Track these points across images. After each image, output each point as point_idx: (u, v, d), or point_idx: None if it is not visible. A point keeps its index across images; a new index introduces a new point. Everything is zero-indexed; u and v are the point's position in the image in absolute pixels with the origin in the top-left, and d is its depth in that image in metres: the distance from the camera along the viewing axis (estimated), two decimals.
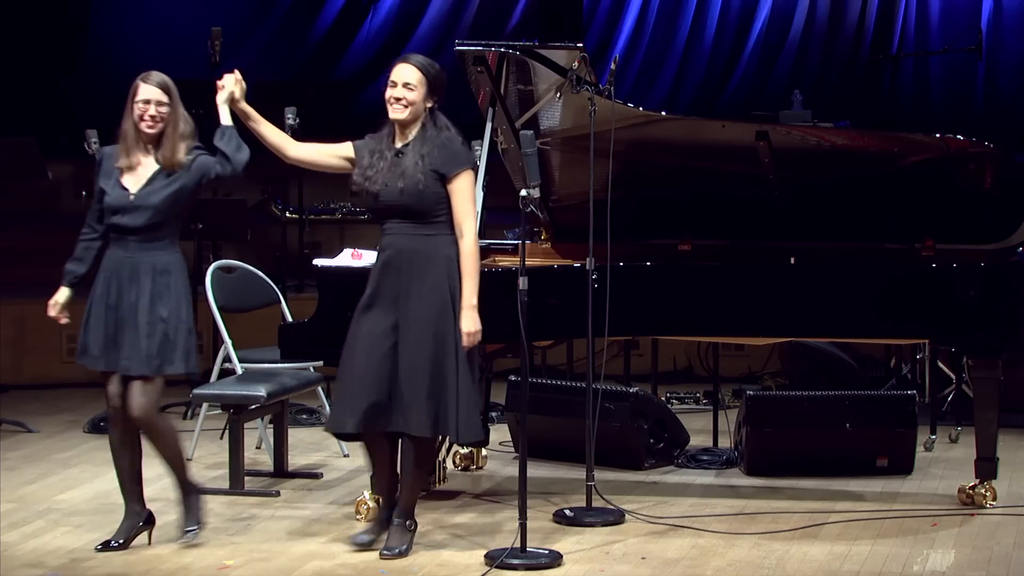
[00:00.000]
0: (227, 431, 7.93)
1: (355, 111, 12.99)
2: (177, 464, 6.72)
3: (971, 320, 7.33)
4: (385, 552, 6.56)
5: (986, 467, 7.43)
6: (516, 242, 7.55)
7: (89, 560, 6.62)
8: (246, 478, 7.72)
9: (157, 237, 6.57)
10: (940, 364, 9.14)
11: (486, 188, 7.37)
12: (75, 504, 7.54)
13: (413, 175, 6.49)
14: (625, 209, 7.30)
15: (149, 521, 6.80)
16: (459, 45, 7.37)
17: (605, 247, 7.09)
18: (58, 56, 13.00)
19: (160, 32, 13.33)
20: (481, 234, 7.30)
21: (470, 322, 6.47)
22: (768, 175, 7.66)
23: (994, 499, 7.44)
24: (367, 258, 7.33)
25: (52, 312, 6.78)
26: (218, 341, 8.76)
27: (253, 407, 7.69)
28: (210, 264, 8.54)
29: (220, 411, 8.36)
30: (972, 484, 7.47)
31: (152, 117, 6.63)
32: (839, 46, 13.61)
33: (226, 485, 7.72)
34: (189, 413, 9.48)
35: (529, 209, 6.83)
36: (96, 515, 7.33)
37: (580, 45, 7.28)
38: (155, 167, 6.60)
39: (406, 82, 6.58)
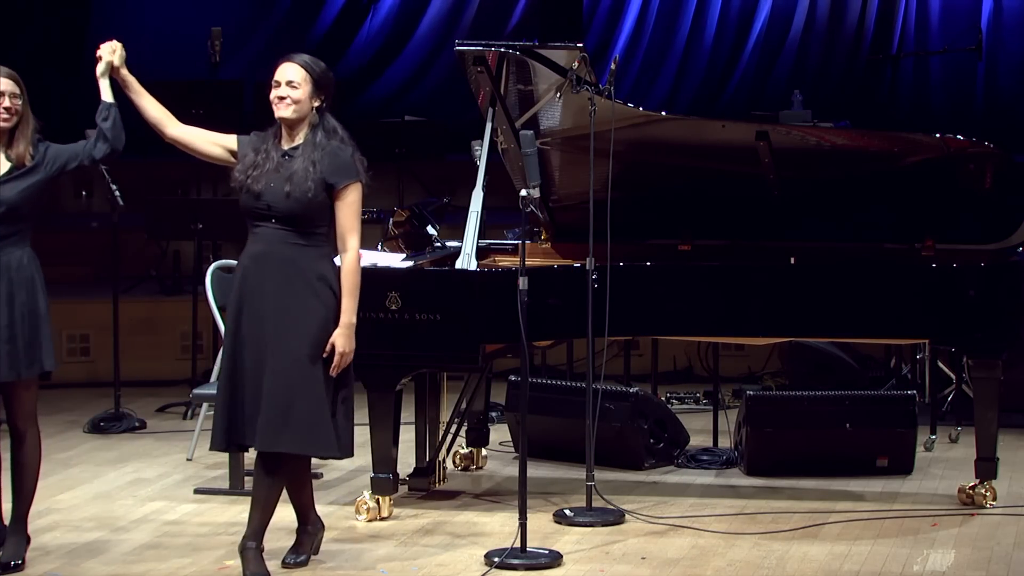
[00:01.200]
0: None
1: (355, 111, 13.01)
2: (32, 488, 6.47)
3: (971, 320, 7.33)
4: None
5: (986, 467, 7.43)
6: (516, 242, 7.55)
7: (89, 560, 6.62)
8: (246, 478, 7.71)
9: (11, 233, 6.31)
10: (940, 364, 9.14)
11: (486, 188, 7.37)
12: (75, 504, 7.54)
13: (303, 182, 6.19)
14: (625, 209, 7.30)
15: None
16: (459, 45, 7.37)
17: (605, 247, 7.09)
18: (58, 56, 12.99)
19: (160, 32, 13.33)
20: (481, 234, 7.33)
21: (345, 341, 6.16)
22: (768, 175, 7.66)
23: (994, 499, 7.44)
24: (367, 258, 7.34)
25: None
26: (218, 341, 8.75)
27: None
28: (210, 264, 8.54)
29: None
30: (972, 484, 7.47)
31: (7, 109, 6.36)
32: (839, 46, 13.60)
33: (226, 485, 7.73)
34: (189, 413, 9.48)
35: (529, 209, 6.83)
36: (96, 515, 7.33)
37: (580, 45, 7.28)
38: (7, 164, 6.34)
39: (289, 80, 6.30)
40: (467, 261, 7.25)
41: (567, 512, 7.18)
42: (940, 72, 13.38)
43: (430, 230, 7.85)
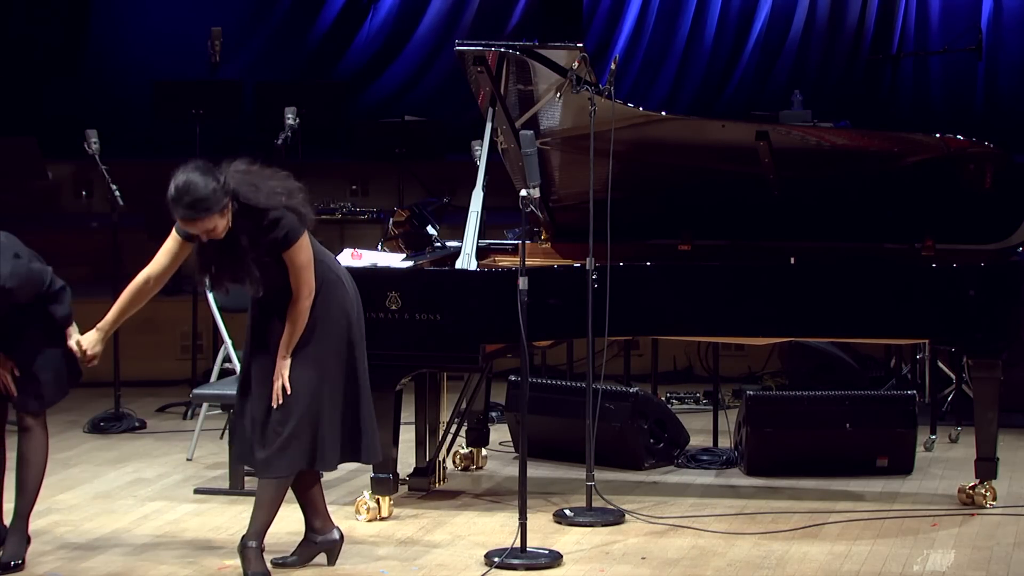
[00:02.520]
0: (227, 431, 7.93)
1: (355, 111, 13.01)
2: (37, 485, 6.49)
3: (971, 320, 7.33)
4: None
5: (986, 467, 7.43)
6: (516, 242, 7.55)
7: (89, 560, 6.63)
8: (246, 478, 7.72)
9: None
10: (940, 364, 9.14)
11: (486, 188, 7.37)
12: (75, 504, 7.54)
13: (252, 267, 6.15)
14: (625, 209, 7.30)
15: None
16: (459, 45, 7.37)
17: (605, 247, 7.09)
18: (58, 56, 13.00)
19: (160, 32, 13.33)
20: (481, 234, 7.33)
21: (281, 368, 6.20)
22: (768, 175, 7.66)
23: (994, 499, 7.44)
24: (367, 258, 7.34)
25: None
26: (218, 341, 8.76)
27: None
28: None
29: (220, 411, 8.36)
30: (972, 484, 7.47)
31: None
32: (839, 46, 13.60)
33: (226, 485, 7.73)
34: (189, 413, 9.48)
35: (529, 209, 6.83)
36: (96, 515, 7.33)
37: (580, 45, 7.28)
38: None
39: (207, 230, 6.15)
40: (467, 261, 7.25)
41: (567, 512, 7.18)
42: (940, 72, 13.38)
43: (430, 230, 7.85)
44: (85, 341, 6.43)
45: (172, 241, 6.37)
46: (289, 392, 6.20)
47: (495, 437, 8.52)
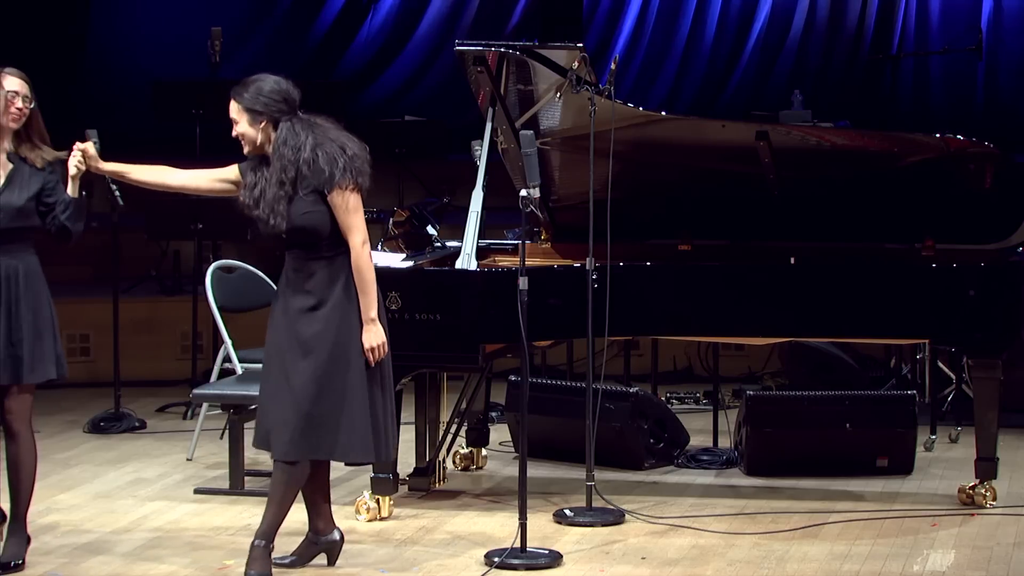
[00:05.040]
0: (227, 431, 7.94)
1: (355, 111, 13.01)
2: (29, 489, 6.45)
3: (971, 320, 7.33)
4: None
5: (986, 467, 7.43)
6: (516, 242, 7.55)
7: (89, 560, 6.63)
8: (246, 478, 7.72)
9: (15, 239, 6.31)
10: (940, 364, 9.14)
11: (486, 188, 7.37)
12: (75, 504, 7.54)
13: (284, 201, 6.14)
14: (625, 209, 7.30)
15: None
16: (459, 45, 7.37)
17: (605, 247, 7.09)
18: (58, 56, 12.99)
19: (160, 32, 13.33)
20: (481, 234, 7.33)
21: (369, 336, 6.16)
22: (768, 175, 7.66)
23: (994, 499, 7.44)
24: None
25: None
26: (218, 341, 8.76)
27: (253, 407, 7.68)
28: (210, 264, 8.55)
29: (220, 411, 8.35)
30: (972, 484, 7.47)
31: (19, 110, 6.29)
32: (839, 46, 13.61)
33: (226, 485, 7.73)
34: (189, 413, 9.48)
35: (529, 209, 6.83)
36: (96, 515, 7.33)
37: (580, 45, 7.28)
38: (9, 166, 6.29)
39: (232, 117, 6.24)
40: (467, 261, 7.25)
41: (567, 512, 7.18)
42: (940, 72, 13.39)
43: (430, 230, 7.85)
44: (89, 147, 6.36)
45: (225, 168, 6.39)
46: (300, 380, 6.15)
47: (495, 437, 8.53)
